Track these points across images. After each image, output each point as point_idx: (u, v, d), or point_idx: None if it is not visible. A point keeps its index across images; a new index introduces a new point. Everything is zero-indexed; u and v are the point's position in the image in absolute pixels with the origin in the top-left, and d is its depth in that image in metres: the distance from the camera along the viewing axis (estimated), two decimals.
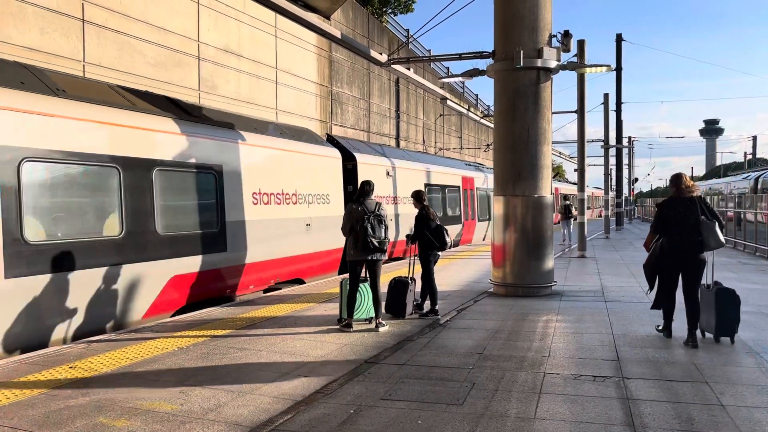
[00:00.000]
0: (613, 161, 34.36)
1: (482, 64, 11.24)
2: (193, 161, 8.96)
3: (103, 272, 7.33)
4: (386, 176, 14.82)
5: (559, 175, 65.99)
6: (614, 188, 37.69)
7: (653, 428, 4.15)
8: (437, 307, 8.27)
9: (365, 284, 7.59)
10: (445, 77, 16.13)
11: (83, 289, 7.05)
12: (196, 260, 8.82)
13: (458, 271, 13.35)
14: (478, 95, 50.16)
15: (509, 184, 10.05)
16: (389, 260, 14.98)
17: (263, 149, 10.86)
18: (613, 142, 30.94)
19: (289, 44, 20.67)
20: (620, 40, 31.95)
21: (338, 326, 7.43)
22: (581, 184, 18.75)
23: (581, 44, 16.90)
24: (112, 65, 13.49)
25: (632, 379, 5.27)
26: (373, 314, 7.53)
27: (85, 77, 10.15)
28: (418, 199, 8.43)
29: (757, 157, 63.66)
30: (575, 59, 15.75)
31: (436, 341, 6.75)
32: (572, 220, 21.88)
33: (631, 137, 48.61)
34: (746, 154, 68.40)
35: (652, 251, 6.93)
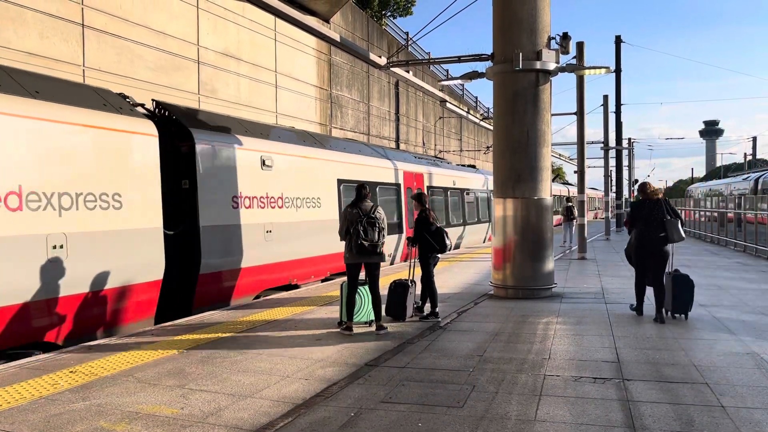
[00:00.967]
0: (613, 163, 34.36)
1: (481, 66, 11.31)
2: None
3: None
4: (261, 167, 10.40)
5: (559, 176, 65.97)
6: (614, 190, 37.67)
7: (653, 430, 4.15)
8: (437, 309, 8.27)
9: (365, 287, 7.59)
10: (444, 80, 16.16)
11: None
12: None
13: (458, 273, 13.35)
14: (477, 98, 50.23)
15: (509, 186, 10.06)
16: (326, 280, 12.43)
17: None
18: (612, 143, 30.95)
19: (288, 48, 20.70)
20: (619, 41, 31.98)
21: (338, 329, 7.44)
22: (581, 185, 18.75)
23: (580, 46, 16.92)
24: (111, 69, 13.52)
25: (632, 380, 5.27)
26: (373, 317, 7.53)
27: None
28: (419, 201, 8.44)
29: (757, 158, 63.67)
30: (574, 61, 15.77)
31: (436, 344, 6.75)
32: (574, 221, 21.88)
33: (630, 138, 48.58)
34: (746, 155, 68.43)
35: (629, 241, 8.26)
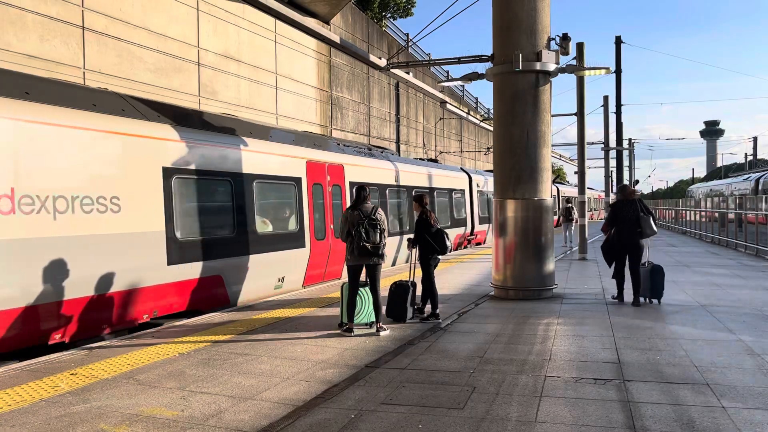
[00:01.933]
0: (613, 163, 34.38)
1: (481, 67, 11.29)
2: None
3: None
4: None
5: (559, 177, 65.97)
6: (615, 190, 37.65)
7: (654, 430, 4.15)
8: (438, 310, 8.27)
9: (366, 288, 7.59)
10: (444, 81, 16.16)
11: None
12: None
13: (459, 274, 13.34)
14: (477, 99, 50.24)
15: (509, 187, 10.06)
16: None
17: None
18: (613, 144, 30.94)
19: (288, 49, 20.72)
20: (620, 42, 32.00)
21: (339, 331, 7.44)
22: (581, 186, 18.76)
23: (580, 47, 16.91)
24: (112, 72, 13.54)
25: (633, 381, 5.27)
26: (374, 318, 7.54)
27: None
28: (420, 203, 8.45)
29: (757, 158, 63.64)
30: (574, 62, 15.76)
31: (436, 345, 6.74)
32: (574, 222, 21.88)
33: (631, 139, 48.60)
34: (747, 155, 68.40)
35: (607, 238, 9.55)
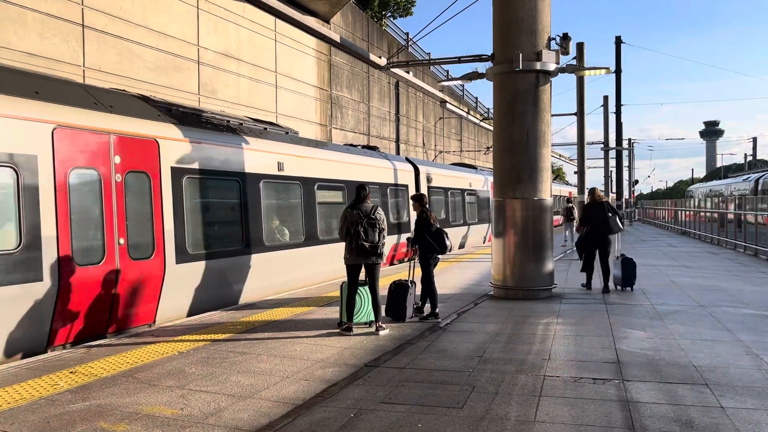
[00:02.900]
0: (613, 163, 34.39)
1: (482, 67, 11.29)
2: None
3: None
4: None
5: (559, 177, 65.93)
6: (615, 190, 37.69)
7: (653, 430, 4.15)
8: (437, 310, 8.27)
9: (365, 287, 7.59)
10: (444, 80, 16.16)
11: None
12: None
13: (458, 274, 13.34)
14: (477, 98, 50.22)
15: (509, 186, 10.06)
16: None
17: None
18: (613, 144, 30.96)
19: (288, 48, 20.71)
20: (620, 42, 32.03)
21: (338, 330, 7.44)
22: (581, 186, 18.77)
23: (580, 47, 16.94)
24: (112, 70, 13.53)
25: (632, 381, 5.27)
26: (373, 318, 7.53)
27: None
28: (420, 202, 8.44)
29: (757, 158, 63.64)
30: (574, 62, 15.78)
31: (436, 344, 6.74)
32: (574, 222, 21.88)
33: (631, 139, 48.65)
34: (746, 155, 68.39)
35: (580, 235, 11.02)
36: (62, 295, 6.80)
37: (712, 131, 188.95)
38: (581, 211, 11.38)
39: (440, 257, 8.63)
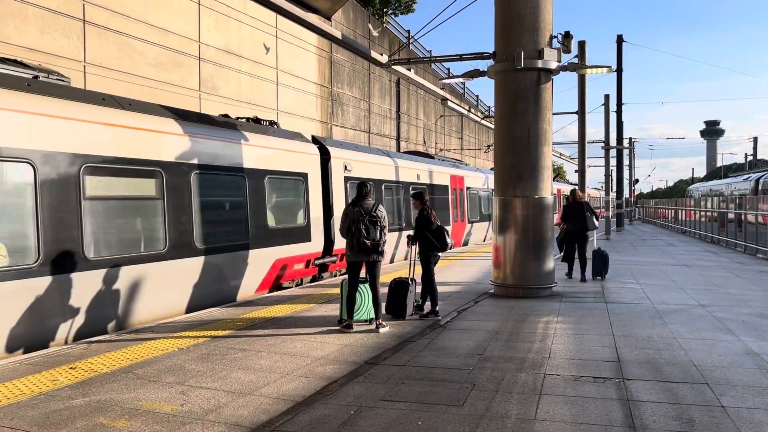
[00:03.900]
0: (613, 162, 34.36)
1: (483, 65, 11.27)
2: None
3: None
4: None
5: (559, 176, 65.89)
6: (615, 189, 37.67)
7: (653, 429, 4.14)
8: (438, 308, 8.26)
9: (365, 285, 7.59)
10: (445, 78, 16.13)
11: None
12: None
13: (459, 272, 13.34)
14: (478, 96, 50.18)
15: (510, 185, 10.05)
16: None
17: None
18: (613, 143, 30.92)
19: (289, 45, 20.68)
20: (621, 41, 31.96)
21: (338, 327, 7.43)
22: (581, 185, 18.76)
23: (582, 45, 16.91)
24: (112, 66, 13.50)
25: (633, 380, 5.26)
26: (373, 315, 7.53)
27: None
28: (420, 200, 8.43)
29: (757, 158, 63.62)
30: (576, 60, 15.75)
31: (436, 342, 6.74)
32: None
33: (631, 138, 48.63)
34: (747, 155, 68.37)
35: (560, 231, 12.03)
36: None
37: (712, 131, 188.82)
38: (562, 210, 12.35)
39: (441, 255, 8.62)
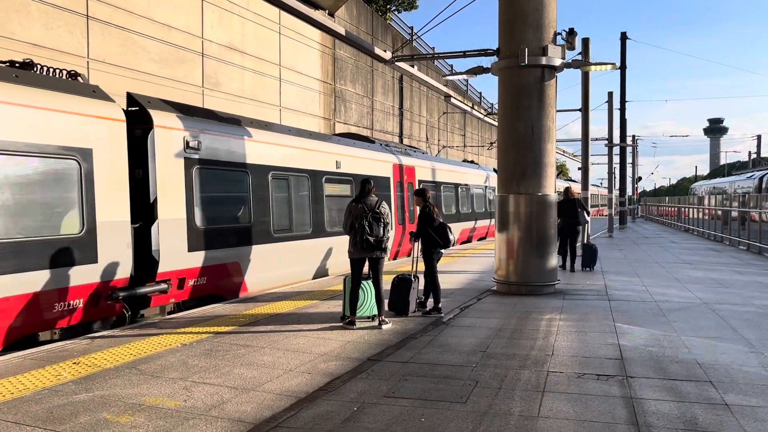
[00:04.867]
0: (616, 160, 34.23)
1: (487, 61, 11.24)
2: None
3: None
4: None
5: (562, 173, 65.77)
6: (618, 187, 37.57)
7: (658, 427, 4.14)
8: (440, 305, 8.26)
9: (368, 282, 7.59)
10: (449, 75, 16.07)
11: None
12: None
13: (461, 269, 13.33)
14: (481, 93, 50.12)
15: (513, 182, 10.03)
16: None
17: None
18: (617, 140, 30.83)
19: (292, 41, 20.65)
20: (625, 38, 31.84)
21: (341, 324, 7.43)
22: (585, 182, 18.71)
23: (586, 42, 16.83)
24: (115, 61, 13.50)
25: (636, 378, 5.26)
26: (376, 312, 7.53)
27: None
28: (422, 197, 8.42)
29: (761, 156, 63.35)
30: (579, 57, 15.69)
31: (439, 339, 6.74)
32: None
33: (635, 136, 48.51)
34: (750, 153, 68.07)
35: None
36: None
37: (716, 128, 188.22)
38: (558, 205, 12.62)
39: (443, 252, 8.61)
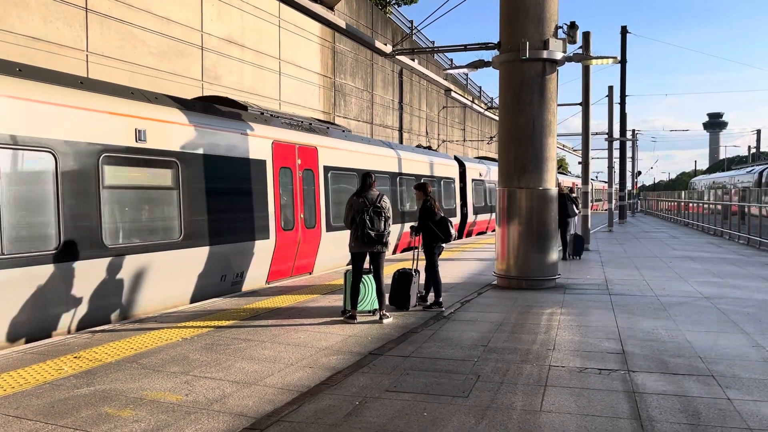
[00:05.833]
0: (616, 154, 34.16)
1: (487, 55, 11.23)
2: None
3: None
4: None
5: (562, 168, 65.71)
6: (618, 181, 37.53)
7: (660, 421, 4.13)
8: (441, 299, 8.25)
9: (369, 276, 7.57)
10: (449, 69, 16.02)
11: None
12: None
13: (462, 263, 13.32)
14: (481, 87, 50.02)
15: (514, 176, 10.00)
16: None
17: None
18: (617, 134, 30.77)
19: (292, 35, 20.57)
20: (625, 32, 31.76)
21: (342, 318, 7.43)
22: (585, 176, 18.68)
23: (586, 36, 16.73)
24: (115, 55, 13.44)
25: (638, 372, 5.25)
26: (377, 306, 7.52)
27: None
28: (423, 191, 8.40)
29: (761, 150, 63.33)
30: (580, 51, 15.64)
31: (440, 333, 6.73)
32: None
33: (634, 130, 48.47)
34: (750, 147, 68.05)
35: None
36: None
37: (715, 123, 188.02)
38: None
39: (444, 246, 8.59)
